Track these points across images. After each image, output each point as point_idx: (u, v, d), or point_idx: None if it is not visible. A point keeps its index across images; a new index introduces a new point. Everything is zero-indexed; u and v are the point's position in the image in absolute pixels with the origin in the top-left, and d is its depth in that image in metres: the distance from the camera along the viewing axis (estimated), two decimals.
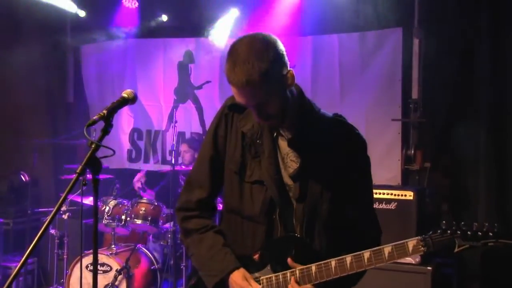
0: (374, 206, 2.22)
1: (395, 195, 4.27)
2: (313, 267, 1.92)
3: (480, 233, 1.80)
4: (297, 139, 1.99)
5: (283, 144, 2.02)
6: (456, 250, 1.80)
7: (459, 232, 1.81)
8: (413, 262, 4.11)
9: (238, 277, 1.99)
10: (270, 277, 1.99)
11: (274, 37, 1.89)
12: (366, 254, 1.88)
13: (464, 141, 4.95)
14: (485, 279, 4.82)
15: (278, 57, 1.84)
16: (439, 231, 1.84)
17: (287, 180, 2.01)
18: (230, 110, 2.09)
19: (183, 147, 5.82)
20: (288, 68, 1.89)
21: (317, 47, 5.63)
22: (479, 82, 4.93)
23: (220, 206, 2.79)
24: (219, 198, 2.49)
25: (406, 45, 5.21)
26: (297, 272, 1.94)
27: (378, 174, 5.01)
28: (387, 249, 1.88)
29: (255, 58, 1.79)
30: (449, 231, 1.83)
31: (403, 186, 5.00)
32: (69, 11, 6.36)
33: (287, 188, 2.01)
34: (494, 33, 4.85)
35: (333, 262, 1.90)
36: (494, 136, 4.84)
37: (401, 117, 5.24)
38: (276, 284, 1.97)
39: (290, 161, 2.02)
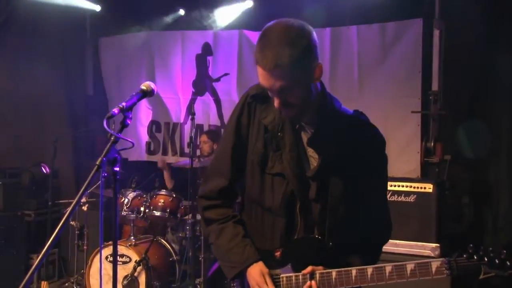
0: (394, 199, 2.20)
1: (414, 187, 4.23)
2: (334, 273, 1.91)
3: (509, 263, 1.75)
4: (317, 138, 1.97)
5: (305, 137, 2.00)
6: (481, 277, 1.76)
7: (486, 259, 1.77)
8: (433, 255, 4.08)
9: (256, 271, 1.99)
10: (290, 276, 1.98)
11: (310, 27, 1.85)
12: (388, 268, 1.87)
13: (485, 133, 4.89)
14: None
15: (310, 47, 1.81)
16: (465, 255, 1.79)
17: (310, 173, 1.99)
18: (253, 99, 2.06)
19: (203, 138, 5.83)
20: (318, 61, 1.85)
21: (335, 38, 5.58)
22: (501, 74, 4.85)
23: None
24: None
25: (427, 36, 5.14)
26: (317, 275, 1.93)
27: (398, 167, 4.97)
28: (409, 266, 1.86)
29: (287, 43, 1.76)
30: (475, 256, 1.78)
31: (423, 178, 4.95)
32: (87, 7, 6.42)
33: (309, 182, 1.99)
34: None
35: (353, 271, 1.89)
36: None
37: (421, 109, 5.18)
38: (296, 284, 1.97)
39: (309, 156, 2.00)
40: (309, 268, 1.94)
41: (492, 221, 4.85)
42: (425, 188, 4.22)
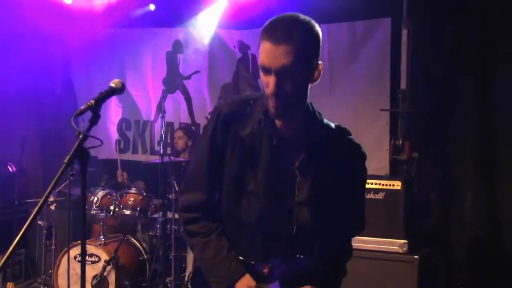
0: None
1: (383, 185, 4.28)
2: None
3: None
4: (308, 163, 1.92)
5: (282, 152, 1.95)
6: None
7: None
8: (400, 251, 4.14)
9: (243, 285, 1.97)
10: None
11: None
12: None
13: (452, 131, 4.99)
14: (472, 267, 4.88)
15: (319, 38, 1.84)
16: None
17: (298, 198, 1.96)
18: (227, 118, 1.99)
19: (178, 133, 5.84)
20: (320, 61, 1.85)
21: None
22: (467, 73, 4.96)
23: None
24: None
25: (395, 35, 5.22)
26: None
27: (367, 165, 5.01)
28: None
29: (302, 23, 1.79)
30: None
31: (391, 176, 5.03)
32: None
33: (285, 197, 1.96)
34: (482, 23, 4.88)
35: None
36: (482, 126, 4.87)
37: (390, 107, 5.26)
38: None
39: (289, 175, 1.95)
40: None
41: (458, 217, 4.95)
42: (393, 185, 4.27)
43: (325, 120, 2.02)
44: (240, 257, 2.02)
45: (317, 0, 5.33)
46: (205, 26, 6.08)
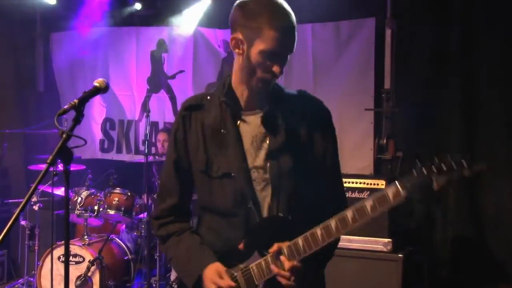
0: (347, 195, 2.22)
1: (367, 184, 4.31)
2: (300, 240, 1.88)
3: (455, 164, 1.72)
4: (270, 116, 1.99)
5: (248, 128, 2.01)
6: (436, 187, 1.72)
7: (434, 169, 1.74)
8: (385, 250, 4.17)
9: (210, 271, 1.96)
10: (259, 263, 1.94)
11: None
12: (349, 213, 1.83)
13: (436, 130, 5.04)
14: (455, 265, 4.93)
15: None
16: (414, 171, 1.76)
17: (260, 162, 1.99)
18: (188, 110, 2.08)
19: (163, 136, 5.79)
20: None
21: None
22: (451, 73, 5.00)
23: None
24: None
25: (379, 35, 5.25)
26: (285, 249, 1.90)
27: (351, 164, 5.05)
28: (368, 203, 1.81)
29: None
30: (424, 170, 1.75)
31: (376, 175, 5.06)
32: (38, 0, 6.22)
33: (256, 173, 1.99)
34: (465, 23, 4.92)
35: (318, 230, 1.86)
36: (466, 126, 4.92)
37: (374, 107, 5.29)
38: (267, 268, 1.92)
39: (261, 142, 2.00)
40: (275, 246, 1.90)
41: (441, 216, 5.00)
42: (377, 184, 4.30)
43: (286, 89, 2.12)
44: (221, 249, 2.01)
45: (302, 0, 5.36)
46: (189, 25, 6.06)
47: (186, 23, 6.08)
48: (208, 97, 2.09)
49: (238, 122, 2.01)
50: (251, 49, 1.90)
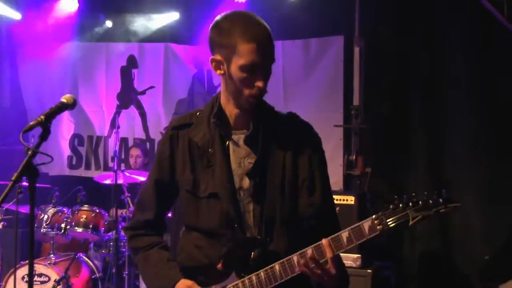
0: None
1: (337, 199, 4.33)
2: (277, 265, 1.87)
3: (431, 201, 1.74)
4: (254, 136, 1.97)
5: (237, 150, 1.99)
6: (411, 223, 1.75)
7: (410, 205, 1.77)
8: (354, 266, 4.20)
9: (182, 287, 1.95)
10: (236, 284, 1.93)
11: None
12: (325, 242, 1.83)
13: (404, 145, 5.12)
14: (423, 280, 4.98)
15: None
16: (391, 206, 1.79)
17: (245, 183, 1.97)
18: (175, 129, 2.06)
19: (135, 151, 5.78)
20: None
21: None
22: (418, 87, 5.11)
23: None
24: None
25: (348, 52, 5.34)
26: (262, 274, 1.89)
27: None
28: (344, 234, 1.82)
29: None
30: (400, 205, 1.78)
31: (345, 190, 5.10)
32: (5, 14, 6.14)
33: (242, 194, 1.98)
34: (430, 42, 5.05)
35: (295, 257, 1.85)
36: (433, 143, 5.01)
37: (343, 123, 5.35)
38: None
39: (248, 163, 1.98)
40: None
41: (409, 232, 5.06)
42: (347, 200, 4.34)
43: (275, 109, 2.12)
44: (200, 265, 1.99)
45: (272, 17, 5.40)
46: (159, 41, 6.06)
47: (156, 39, 6.07)
48: (198, 114, 2.06)
49: (227, 142, 1.99)
50: (230, 67, 1.89)
